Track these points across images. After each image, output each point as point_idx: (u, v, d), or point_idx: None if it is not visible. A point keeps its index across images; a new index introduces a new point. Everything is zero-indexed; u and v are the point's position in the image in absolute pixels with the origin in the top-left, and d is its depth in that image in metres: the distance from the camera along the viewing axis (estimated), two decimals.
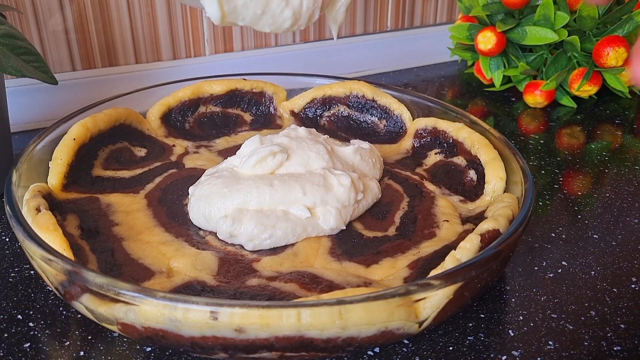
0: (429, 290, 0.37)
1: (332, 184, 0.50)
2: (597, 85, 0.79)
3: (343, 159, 0.54)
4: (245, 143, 0.54)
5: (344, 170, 0.52)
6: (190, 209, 0.51)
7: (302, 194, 0.49)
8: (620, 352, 0.42)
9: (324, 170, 0.51)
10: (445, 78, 0.92)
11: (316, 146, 0.53)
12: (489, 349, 0.42)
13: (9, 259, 0.50)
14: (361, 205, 0.52)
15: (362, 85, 0.67)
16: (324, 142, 0.55)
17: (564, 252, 0.52)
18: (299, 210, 0.48)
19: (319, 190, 0.49)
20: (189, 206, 0.51)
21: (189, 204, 0.52)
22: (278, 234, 0.47)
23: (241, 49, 0.85)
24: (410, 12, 0.95)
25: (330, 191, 0.50)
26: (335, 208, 0.49)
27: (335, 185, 0.50)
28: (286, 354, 0.37)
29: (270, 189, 0.49)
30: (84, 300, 0.39)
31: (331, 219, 0.49)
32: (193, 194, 0.52)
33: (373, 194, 0.53)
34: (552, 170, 0.66)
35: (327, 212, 0.49)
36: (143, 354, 0.41)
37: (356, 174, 0.52)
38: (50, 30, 0.72)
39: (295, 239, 0.48)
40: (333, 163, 0.52)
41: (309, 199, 0.49)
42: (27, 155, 0.51)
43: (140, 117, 0.63)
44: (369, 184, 0.53)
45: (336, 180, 0.50)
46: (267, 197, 0.48)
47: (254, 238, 0.47)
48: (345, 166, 0.53)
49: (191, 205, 0.51)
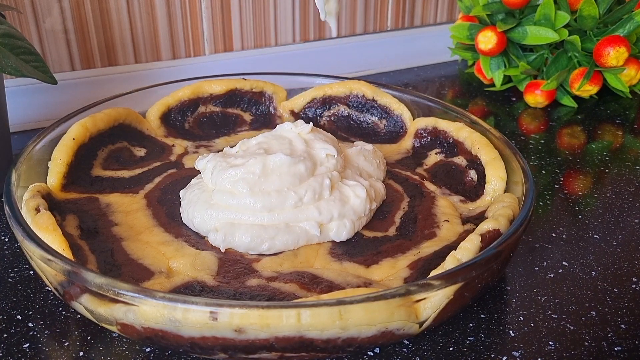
0: (429, 291, 0.37)
1: (347, 196, 0.49)
2: (597, 85, 0.79)
3: (348, 160, 0.54)
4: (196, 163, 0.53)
5: (355, 178, 0.51)
6: (182, 212, 0.50)
7: (318, 213, 0.47)
8: (620, 352, 0.42)
9: (335, 176, 0.49)
10: (445, 78, 0.92)
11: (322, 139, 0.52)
12: (490, 350, 0.42)
13: (8, 259, 0.50)
14: (372, 211, 0.51)
15: (362, 85, 0.67)
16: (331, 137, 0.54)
17: (564, 252, 0.52)
18: (310, 227, 0.47)
19: (335, 205, 0.48)
20: (181, 209, 0.51)
21: (181, 207, 0.51)
22: (277, 245, 0.46)
23: (241, 49, 0.85)
24: (411, 11, 0.95)
25: (346, 204, 0.48)
26: (350, 221, 0.48)
27: (352, 197, 0.49)
28: (286, 355, 0.37)
29: (269, 212, 0.47)
30: (83, 300, 0.39)
31: (344, 232, 0.48)
32: (184, 198, 0.51)
33: (381, 197, 0.53)
34: (553, 170, 0.66)
35: (342, 225, 0.48)
36: (142, 355, 0.41)
37: (367, 182, 0.52)
38: (49, 30, 0.72)
39: (295, 247, 0.47)
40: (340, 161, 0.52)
41: (325, 217, 0.48)
42: (27, 155, 0.51)
43: (140, 117, 0.63)
44: (376, 185, 0.53)
45: (352, 192, 0.49)
46: (266, 216, 0.47)
47: (249, 249, 0.46)
48: (352, 168, 0.53)
49: (182, 208, 0.50)
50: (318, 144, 0.52)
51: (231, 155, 0.52)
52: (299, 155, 0.50)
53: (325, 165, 0.50)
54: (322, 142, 0.52)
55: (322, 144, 0.52)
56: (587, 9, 0.76)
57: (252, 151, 0.51)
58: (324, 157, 0.51)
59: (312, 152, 0.51)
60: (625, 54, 0.75)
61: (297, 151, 0.50)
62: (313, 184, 0.48)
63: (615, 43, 0.75)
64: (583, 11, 0.76)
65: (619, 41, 0.75)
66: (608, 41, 0.75)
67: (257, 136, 0.53)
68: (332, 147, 0.51)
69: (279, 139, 0.52)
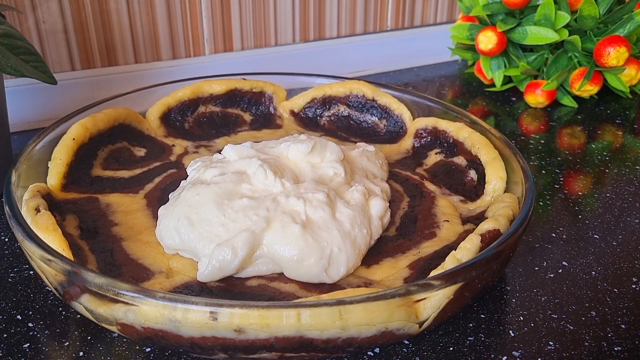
0: (429, 291, 0.37)
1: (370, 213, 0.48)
2: (598, 85, 0.79)
3: (353, 163, 0.54)
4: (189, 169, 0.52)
5: (363, 182, 0.51)
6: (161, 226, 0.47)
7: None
8: (620, 352, 0.42)
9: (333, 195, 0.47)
10: (445, 78, 0.92)
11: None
12: (490, 350, 0.42)
13: (8, 259, 0.50)
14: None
15: (362, 85, 0.67)
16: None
17: (564, 252, 0.52)
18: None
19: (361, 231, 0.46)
20: (159, 222, 0.47)
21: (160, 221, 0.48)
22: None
23: (241, 49, 0.85)
24: (411, 11, 0.95)
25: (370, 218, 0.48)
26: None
27: (374, 217, 0.48)
28: (286, 355, 0.37)
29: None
30: (83, 300, 0.39)
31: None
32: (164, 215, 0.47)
33: (389, 198, 0.53)
34: (553, 170, 0.66)
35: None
36: (143, 355, 0.41)
37: (379, 187, 0.51)
38: (49, 30, 0.72)
39: None
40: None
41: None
42: (27, 155, 0.51)
43: (140, 117, 0.63)
44: (383, 186, 0.53)
45: (373, 212, 0.48)
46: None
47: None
48: (357, 171, 0.53)
49: (163, 223, 0.47)
50: (324, 164, 0.50)
51: (243, 195, 0.47)
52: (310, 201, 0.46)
53: (335, 180, 0.49)
54: (327, 162, 0.50)
55: (327, 163, 0.50)
56: (587, 9, 0.76)
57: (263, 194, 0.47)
58: (332, 174, 0.50)
59: (319, 172, 0.50)
60: (626, 54, 0.75)
61: (302, 176, 0.49)
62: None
63: (615, 43, 0.75)
64: (583, 11, 0.76)
65: (619, 41, 0.75)
66: (608, 41, 0.75)
67: (259, 159, 0.49)
68: (338, 165, 0.50)
69: (283, 164, 0.50)
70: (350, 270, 0.44)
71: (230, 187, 0.46)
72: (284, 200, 0.45)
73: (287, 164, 0.50)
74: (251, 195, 0.46)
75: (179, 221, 0.45)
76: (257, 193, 0.46)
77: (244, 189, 0.46)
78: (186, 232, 0.44)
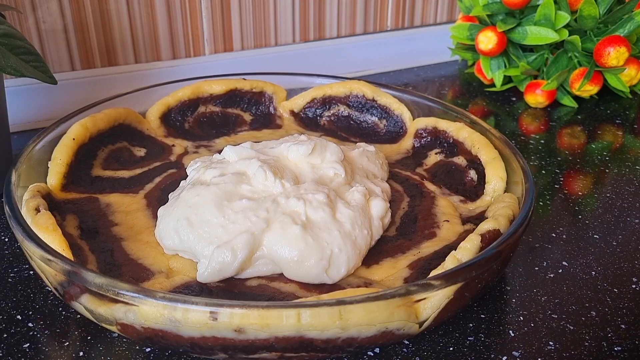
0: (430, 291, 0.37)
1: (372, 215, 0.48)
2: (598, 85, 0.79)
3: (353, 163, 0.54)
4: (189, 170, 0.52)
5: (364, 182, 0.51)
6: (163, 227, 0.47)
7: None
8: (620, 352, 0.42)
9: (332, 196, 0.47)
10: (445, 78, 0.92)
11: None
12: (490, 350, 0.42)
13: (8, 259, 0.50)
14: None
15: (362, 85, 0.67)
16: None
17: (564, 253, 0.52)
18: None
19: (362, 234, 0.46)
20: (158, 222, 0.47)
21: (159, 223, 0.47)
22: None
23: (241, 49, 0.85)
24: (411, 11, 0.95)
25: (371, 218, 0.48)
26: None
27: (375, 219, 0.48)
28: (286, 355, 0.37)
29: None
30: (83, 300, 0.39)
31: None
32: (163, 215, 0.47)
33: (389, 197, 0.53)
34: (553, 170, 0.66)
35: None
36: (143, 355, 0.41)
37: (379, 187, 0.51)
38: (49, 30, 0.72)
39: None
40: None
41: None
42: (27, 155, 0.51)
43: (140, 117, 0.63)
44: (383, 186, 0.53)
45: (374, 215, 0.48)
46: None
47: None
48: (358, 172, 0.53)
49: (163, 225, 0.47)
50: (325, 164, 0.50)
51: (243, 196, 0.47)
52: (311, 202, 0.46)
53: (335, 181, 0.49)
54: (327, 162, 0.50)
55: (328, 163, 0.50)
56: (587, 9, 0.76)
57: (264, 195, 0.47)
58: (332, 175, 0.49)
59: (320, 173, 0.50)
60: (626, 54, 0.75)
61: (303, 177, 0.49)
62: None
63: (615, 43, 0.75)
64: (583, 11, 0.76)
65: (619, 41, 0.75)
66: (608, 41, 0.75)
67: (259, 160, 0.49)
68: (339, 166, 0.50)
69: (284, 165, 0.50)
70: (350, 270, 0.44)
71: (230, 188, 0.46)
72: (284, 201, 0.45)
73: (287, 165, 0.50)
74: (251, 197, 0.46)
75: (179, 222, 0.45)
76: (257, 194, 0.46)
77: (244, 190, 0.46)
78: (186, 233, 0.44)
